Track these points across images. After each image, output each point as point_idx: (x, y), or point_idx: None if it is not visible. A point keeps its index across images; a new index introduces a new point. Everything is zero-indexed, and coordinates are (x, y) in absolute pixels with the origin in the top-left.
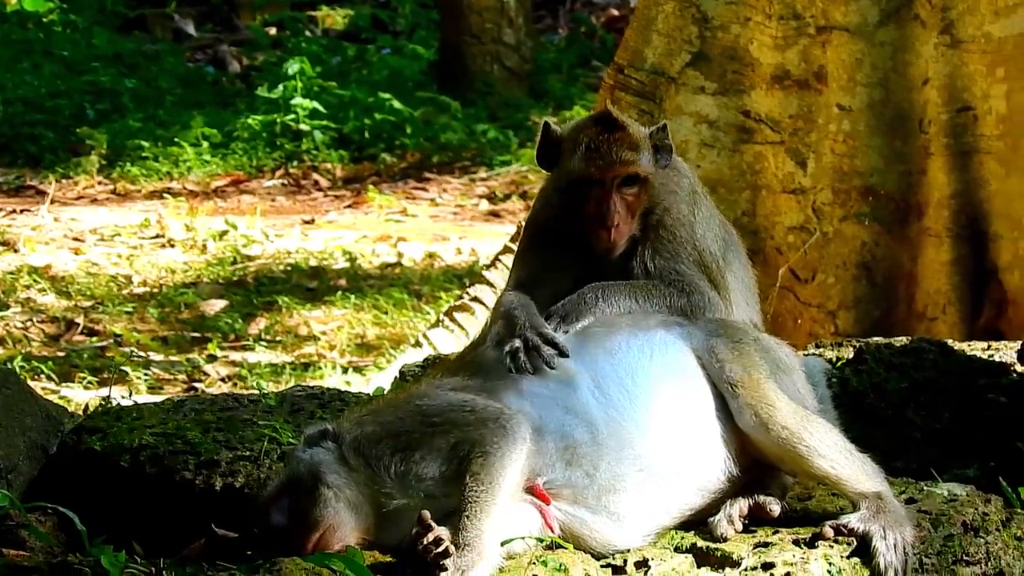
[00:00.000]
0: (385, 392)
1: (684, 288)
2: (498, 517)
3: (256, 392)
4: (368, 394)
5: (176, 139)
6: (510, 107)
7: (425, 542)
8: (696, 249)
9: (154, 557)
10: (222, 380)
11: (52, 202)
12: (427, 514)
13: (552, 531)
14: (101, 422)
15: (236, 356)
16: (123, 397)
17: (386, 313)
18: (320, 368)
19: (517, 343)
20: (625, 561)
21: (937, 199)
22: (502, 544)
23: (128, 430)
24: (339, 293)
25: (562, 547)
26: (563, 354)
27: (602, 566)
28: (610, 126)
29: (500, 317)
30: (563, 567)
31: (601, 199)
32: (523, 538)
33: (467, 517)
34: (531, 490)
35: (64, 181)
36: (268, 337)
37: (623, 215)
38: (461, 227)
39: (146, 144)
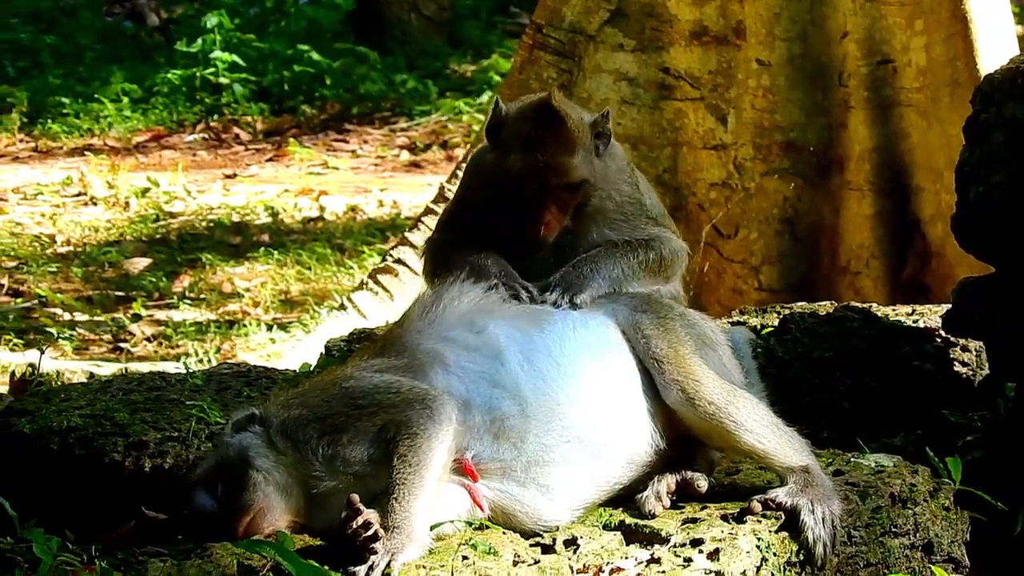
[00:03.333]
0: (311, 369)
1: (653, 244)
2: (427, 499)
3: (183, 371)
4: (294, 371)
5: (96, 95)
6: (428, 56)
7: (354, 526)
8: (649, 217)
9: (85, 541)
10: (147, 340)
11: None
12: (356, 497)
13: (482, 510)
14: (29, 404)
15: (161, 315)
16: (51, 358)
17: (309, 268)
18: (245, 326)
19: (496, 281)
20: (554, 540)
21: (858, 152)
22: (432, 527)
23: (56, 412)
24: (262, 249)
25: (491, 528)
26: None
27: (531, 545)
28: (550, 121)
29: (474, 271)
30: (492, 549)
31: (535, 199)
32: (452, 521)
33: (396, 500)
34: (459, 464)
35: None
36: (192, 295)
37: (556, 214)
38: (382, 179)
39: (67, 101)
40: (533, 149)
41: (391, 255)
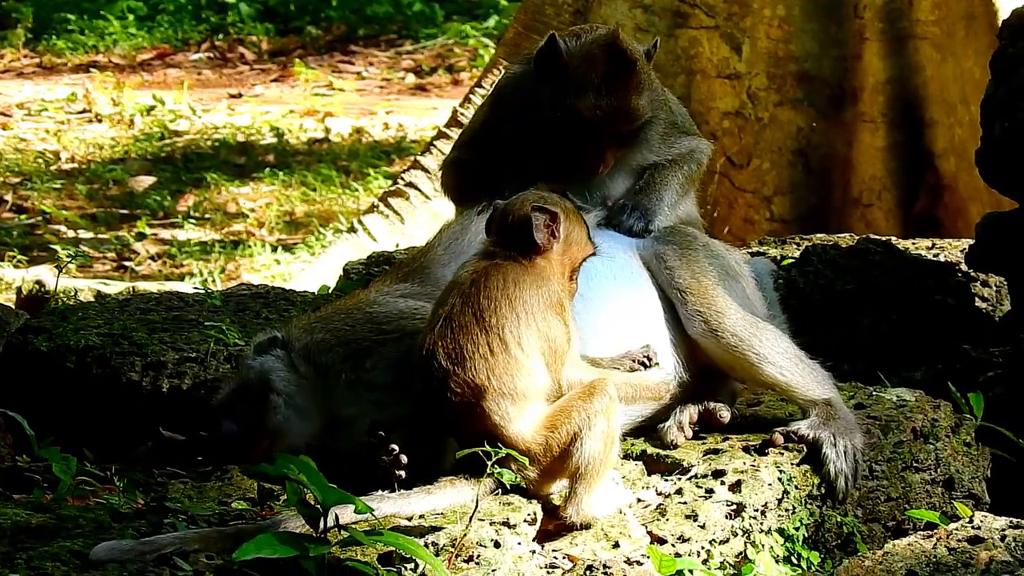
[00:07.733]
0: (329, 291)
1: (688, 157)
2: None
3: (201, 290)
4: (313, 293)
5: (102, 12)
6: None
7: (381, 455)
8: (681, 132)
9: (104, 461)
10: (151, 259)
11: None
12: (388, 440)
13: None
14: (47, 322)
15: (165, 234)
16: (54, 276)
17: (314, 190)
18: (249, 247)
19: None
20: None
21: (872, 84)
22: (459, 457)
23: (74, 330)
24: (267, 169)
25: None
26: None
27: None
28: (625, 67)
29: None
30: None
31: (600, 140)
32: (478, 449)
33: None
34: None
35: None
36: (197, 214)
37: (615, 151)
38: (388, 101)
39: (72, 17)
40: (608, 95)
41: (402, 178)
